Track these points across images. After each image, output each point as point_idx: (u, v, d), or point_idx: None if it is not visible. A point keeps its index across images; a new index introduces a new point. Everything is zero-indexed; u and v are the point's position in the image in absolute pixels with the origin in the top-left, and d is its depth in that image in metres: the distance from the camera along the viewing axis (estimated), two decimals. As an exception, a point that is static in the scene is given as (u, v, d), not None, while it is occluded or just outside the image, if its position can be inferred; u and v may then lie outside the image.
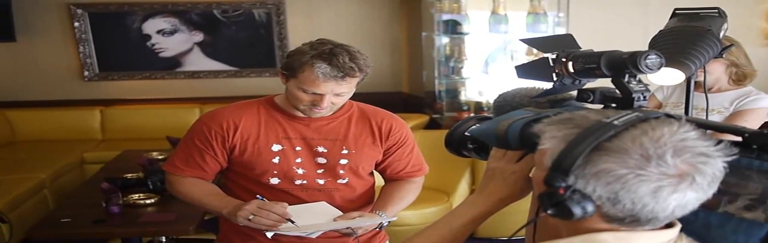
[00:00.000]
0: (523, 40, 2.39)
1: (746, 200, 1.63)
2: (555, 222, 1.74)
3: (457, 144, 2.14)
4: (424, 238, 2.07)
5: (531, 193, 2.03)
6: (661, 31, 2.60)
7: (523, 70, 2.30)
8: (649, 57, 1.99)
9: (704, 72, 3.27)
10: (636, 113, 1.64)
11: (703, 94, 3.36)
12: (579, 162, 1.55)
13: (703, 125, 1.68)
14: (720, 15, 2.60)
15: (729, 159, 1.57)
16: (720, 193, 1.62)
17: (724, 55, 3.06)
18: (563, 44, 2.22)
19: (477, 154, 2.11)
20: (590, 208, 1.57)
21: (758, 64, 4.53)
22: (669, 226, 1.68)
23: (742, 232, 1.64)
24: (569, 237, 1.68)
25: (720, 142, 1.57)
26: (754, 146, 1.68)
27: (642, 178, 1.51)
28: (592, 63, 2.07)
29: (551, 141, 1.64)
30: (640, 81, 2.07)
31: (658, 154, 1.51)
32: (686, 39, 2.47)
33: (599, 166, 1.54)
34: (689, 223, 1.70)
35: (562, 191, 1.57)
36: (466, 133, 2.11)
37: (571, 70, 2.12)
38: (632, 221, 1.60)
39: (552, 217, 1.68)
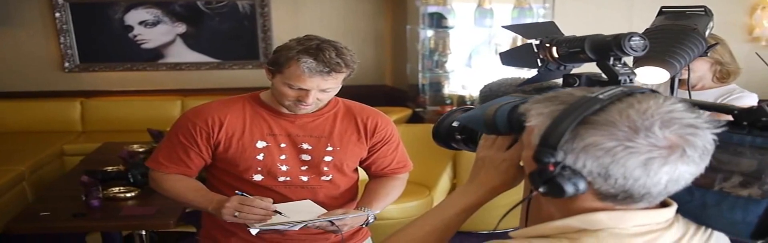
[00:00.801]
0: (506, 27, 2.44)
1: (741, 177, 1.63)
2: (549, 209, 1.76)
3: (445, 136, 2.14)
4: (416, 229, 2.05)
5: (522, 185, 2.04)
6: (647, 29, 2.61)
7: (508, 57, 2.36)
8: (633, 38, 2.03)
9: (688, 70, 3.28)
10: (621, 88, 1.65)
11: (687, 92, 3.38)
12: (566, 136, 1.56)
13: (692, 103, 1.66)
14: (706, 13, 2.62)
15: (718, 131, 1.58)
16: (714, 170, 1.64)
17: (708, 54, 3.07)
18: (546, 31, 2.26)
19: (466, 145, 2.12)
20: (582, 185, 1.58)
21: (741, 60, 4.54)
22: (665, 205, 1.69)
23: (740, 210, 1.64)
24: (564, 218, 1.68)
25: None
26: (745, 123, 1.68)
27: (631, 151, 1.52)
28: (577, 47, 2.12)
29: (538, 118, 1.65)
30: (625, 64, 2.11)
31: (645, 126, 1.52)
32: (672, 38, 2.48)
33: (587, 139, 1.55)
34: (685, 203, 1.71)
35: (551, 167, 1.58)
36: (454, 124, 2.12)
37: (556, 55, 2.17)
38: (626, 197, 1.60)
39: (546, 205, 1.75)
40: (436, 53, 8.74)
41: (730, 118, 1.72)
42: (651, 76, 2.50)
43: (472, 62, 8.74)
